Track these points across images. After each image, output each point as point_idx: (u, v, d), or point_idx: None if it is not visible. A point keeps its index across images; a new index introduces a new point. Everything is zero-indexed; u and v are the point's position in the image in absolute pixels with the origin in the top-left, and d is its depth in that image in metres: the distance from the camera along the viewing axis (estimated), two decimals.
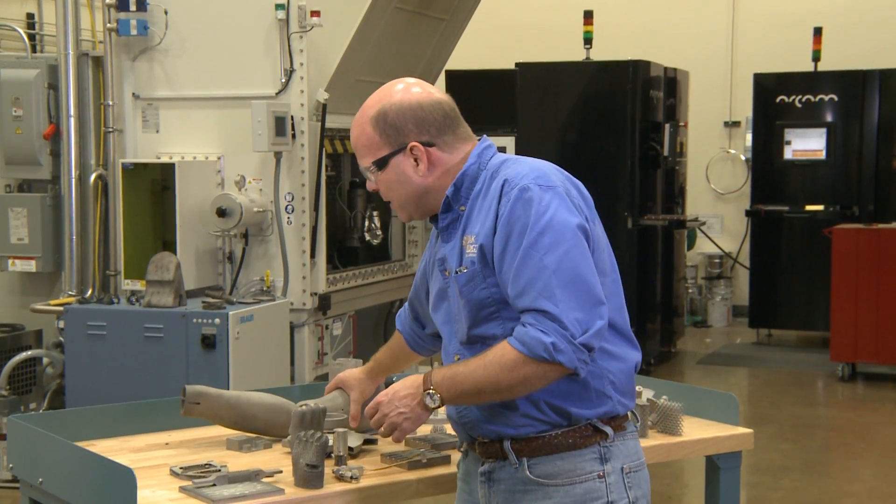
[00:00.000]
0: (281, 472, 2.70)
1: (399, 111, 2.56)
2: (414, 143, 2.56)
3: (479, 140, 2.62)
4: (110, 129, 6.23)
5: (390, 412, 2.51)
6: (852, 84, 10.31)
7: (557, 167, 2.54)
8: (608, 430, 2.49)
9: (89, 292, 6.25)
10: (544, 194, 2.42)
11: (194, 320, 5.28)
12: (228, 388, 5.11)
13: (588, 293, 2.38)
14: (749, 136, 11.59)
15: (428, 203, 2.60)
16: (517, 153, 4.03)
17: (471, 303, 2.49)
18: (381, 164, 2.58)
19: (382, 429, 2.54)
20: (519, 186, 2.43)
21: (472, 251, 2.49)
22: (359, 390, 3.05)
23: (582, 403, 2.47)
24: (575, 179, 2.55)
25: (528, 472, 2.48)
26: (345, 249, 6.90)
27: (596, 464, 2.47)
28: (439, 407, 2.49)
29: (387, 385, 2.64)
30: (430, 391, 2.46)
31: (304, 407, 2.83)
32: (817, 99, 10.38)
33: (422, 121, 2.56)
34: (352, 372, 3.10)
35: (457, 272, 2.51)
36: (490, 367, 2.39)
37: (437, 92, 2.61)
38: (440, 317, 2.63)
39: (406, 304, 3.06)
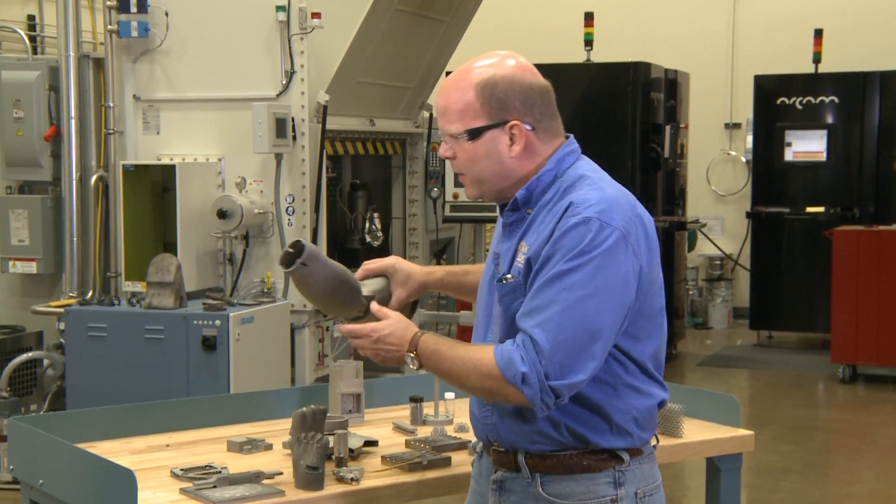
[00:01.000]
0: (281, 473, 2.70)
1: (510, 85, 2.45)
2: (516, 122, 2.45)
3: (567, 139, 2.55)
4: (111, 131, 6.24)
5: (371, 347, 2.52)
6: (853, 86, 10.31)
7: (632, 200, 2.46)
8: (625, 455, 2.45)
9: (90, 294, 6.25)
10: (601, 232, 2.33)
11: (195, 322, 5.28)
12: (229, 391, 5.12)
13: (584, 345, 2.31)
14: (750, 138, 11.59)
15: (506, 187, 2.49)
16: None
17: (507, 313, 2.45)
18: (475, 134, 2.45)
19: (356, 349, 2.57)
20: (582, 216, 2.34)
21: (520, 261, 2.43)
22: (406, 288, 2.85)
23: (602, 436, 2.43)
24: (644, 215, 2.45)
25: (540, 489, 2.45)
26: (345, 251, 6.90)
27: (609, 488, 2.43)
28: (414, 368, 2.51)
29: (365, 314, 2.61)
30: (412, 355, 2.47)
31: (304, 409, 2.83)
32: (818, 101, 10.38)
33: (530, 102, 2.47)
34: (409, 265, 2.90)
35: (501, 280, 2.45)
36: (467, 363, 2.39)
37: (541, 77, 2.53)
38: (481, 305, 2.59)
39: None
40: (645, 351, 2.44)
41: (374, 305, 2.64)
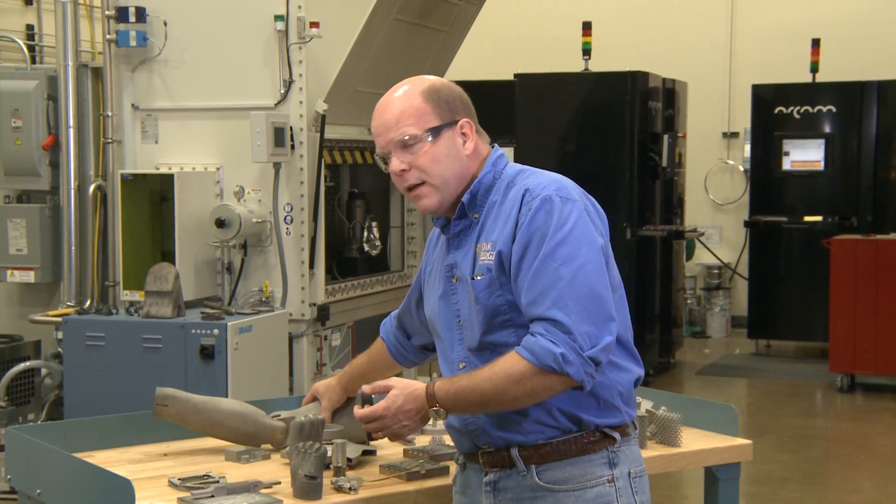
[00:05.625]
0: (279, 482, 2.70)
1: (450, 90, 2.57)
2: (467, 120, 2.56)
3: (493, 148, 2.62)
4: (109, 140, 6.23)
5: (393, 424, 2.50)
6: (850, 95, 10.33)
7: (573, 182, 2.54)
8: (616, 434, 2.50)
9: (88, 303, 6.25)
10: (564, 206, 2.43)
11: (193, 331, 5.28)
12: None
13: (600, 308, 2.40)
14: (747, 147, 11.61)
15: (459, 192, 2.55)
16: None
17: (486, 309, 2.48)
18: (436, 132, 2.52)
19: (381, 434, 2.55)
20: (541, 196, 2.44)
21: (487, 258, 2.48)
22: (328, 398, 3.05)
23: (592, 412, 2.48)
24: (590, 196, 2.55)
25: (536, 479, 2.48)
26: (344, 260, 6.90)
27: (605, 468, 2.49)
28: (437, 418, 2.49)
29: (363, 401, 2.58)
30: (436, 409, 2.45)
31: (303, 418, 2.83)
32: (815, 110, 10.40)
33: (467, 104, 2.58)
34: (325, 381, 3.10)
35: (473, 278, 2.50)
36: (496, 379, 2.38)
37: None
38: (441, 324, 2.61)
39: (393, 313, 3.05)
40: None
41: (366, 387, 2.58)
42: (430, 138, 2.51)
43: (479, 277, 2.49)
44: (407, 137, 2.50)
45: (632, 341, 2.57)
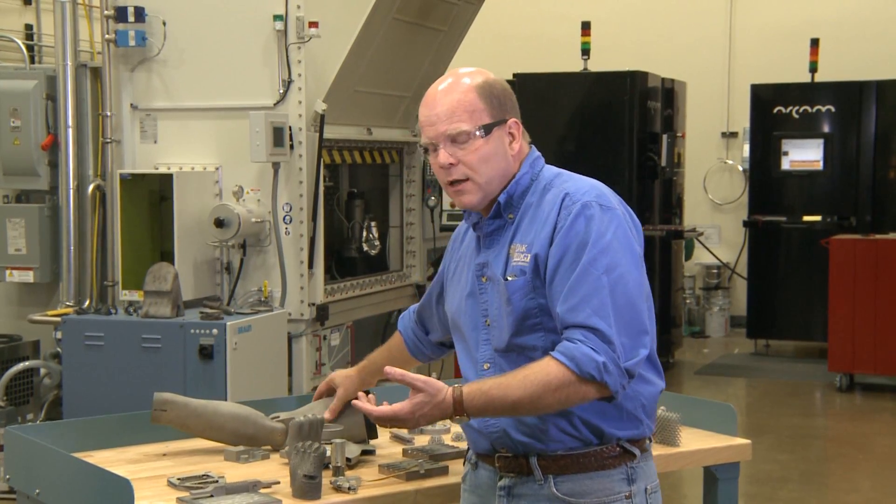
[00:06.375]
0: (279, 482, 2.70)
1: (502, 87, 2.53)
2: (515, 120, 2.52)
3: (531, 148, 2.59)
4: (108, 140, 6.23)
5: (411, 426, 2.45)
6: (849, 95, 10.33)
7: (611, 189, 2.52)
8: (636, 450, 2.48)
9: (87, 303, 6.24)
10: (605, 214, 2.41)
11: (192, 331, 5.27)
12: (227, 400, 5.11)
13: (636, 321, 2.39)
14: (746, 147, 11.61)
15: (501, 187, 2.52)
16: None
17: (518, 311, 2.45)
18: (488, 130, 2.48)
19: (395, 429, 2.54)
20: (581, 202, 2.41)
21: (521, 260, 2.45)
22: (344, 388, 3.02)
23: (614, 423, 2.46)
24: (626, 204, 2.52)
25: (553, 489, 2.45)
26: (343, 260, 6.90)
27: (624, 485, 2.47)
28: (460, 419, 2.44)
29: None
30: (461, 417, 2.39)
31: (302, 418, 2.83)
32: (814, 110, 10.41)
33: (515, 103, 2.54)
34: (343, 371, 3.08)
35: (505, 279, 2.46)
36: (530, 386, 2.33)
37: None
38: (466, 322, 2.57)
39: (412, 307, 3.01)
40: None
41: (393, 371, 2.42)
42: (481, 135, 2.47)
43: (511, 278, 2.45)
44: (459, 132, 2.46)
45: (656, 354, 2.54)
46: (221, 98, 6.10)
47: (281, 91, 5.98)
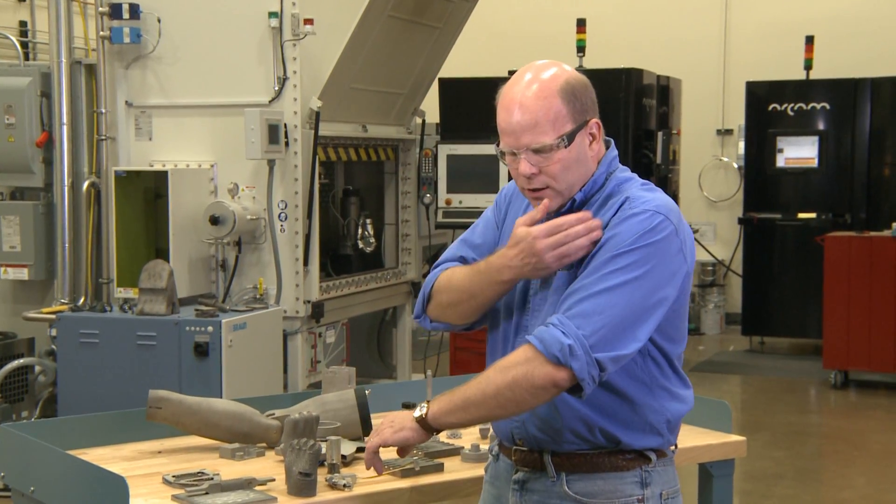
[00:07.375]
0: (274, 480, 2.70)
1: (584, 86, 2.44)
2: (596, 121, 2.44)
3: (609, 144, 2.53)
4: (103, 137, 6.22)
5: (386, 435, 2.49)
6: (844, 92, 10.34)
7: (677, 207, 2.46)
8: (651, 455, 2.47)
9: (82, 300, 6.24)
10: (656, 225, 2.35)
11: (187, 328, 5.27)
12: (221, 397, 5.11)
13: (629, 325, 2.32)
14: (741, 144, 11.61)
15: (580, 189, 2.46)
16: None
17: (556, 301, 2.42)
18: (570, 138, 2.40)
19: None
20: (639, 208, 2.36)
21: None
22: None
23: (635, 434, 2.44)
24: (685, 222, 2.46)
25: (565, 488, 2.44)
26: (338, 257, 6.90)
27: (636, 488, 2.45)
28: (424, 417, 2.43)
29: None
30: (434, 434, 2.45)
31: (297, 415, 2.83)
32: (809, 107, 10.41)
33: (594, 100, 2.46)
34: None
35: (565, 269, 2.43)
36: (502, 362, 2.35)
37: None
38: (508, 320, 2.53)
39: (439, 268, 2.70)
40: (675, 351, 2.48)
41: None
42: (564, 145, 2.40)
43: (563, 269, 2.43)
44: (542, 146, 2.38)
45: (683, 372, 2.53)
46: (216, 95, 6.10)
47: (276, 88, 5.97)
